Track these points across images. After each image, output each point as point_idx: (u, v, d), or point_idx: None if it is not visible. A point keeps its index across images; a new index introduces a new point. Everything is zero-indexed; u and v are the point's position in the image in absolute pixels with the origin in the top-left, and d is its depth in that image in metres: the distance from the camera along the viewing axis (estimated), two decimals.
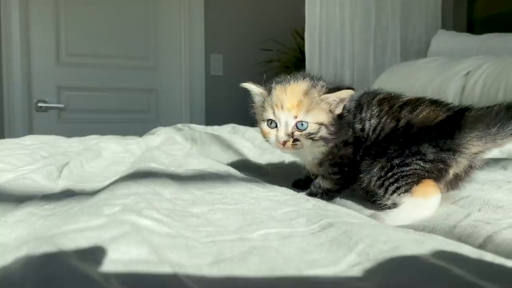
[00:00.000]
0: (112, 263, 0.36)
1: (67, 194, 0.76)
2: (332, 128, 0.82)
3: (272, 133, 0.84)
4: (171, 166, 0.88)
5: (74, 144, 1.36)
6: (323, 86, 0.82)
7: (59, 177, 0.93)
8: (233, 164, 1.14)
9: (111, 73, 3.44)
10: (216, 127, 2.10)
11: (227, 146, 1.41)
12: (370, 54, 2.75)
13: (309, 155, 0.89)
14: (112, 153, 1.27)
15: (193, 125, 2.11)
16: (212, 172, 0.86)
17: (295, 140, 0.82)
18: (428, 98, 0.83)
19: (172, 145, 1.36)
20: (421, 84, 2.08)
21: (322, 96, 0.80)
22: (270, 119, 0.84)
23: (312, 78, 0.85)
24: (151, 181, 0.66)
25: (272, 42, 3.49)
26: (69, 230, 0.43)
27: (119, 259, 0.36)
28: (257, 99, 0.89)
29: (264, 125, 0.85)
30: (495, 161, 1.03)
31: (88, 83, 3.39)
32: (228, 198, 0.64)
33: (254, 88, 0.89)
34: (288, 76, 0.87)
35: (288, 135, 0.81)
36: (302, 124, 0.81)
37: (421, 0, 2.89)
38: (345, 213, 0.61)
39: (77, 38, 3.35)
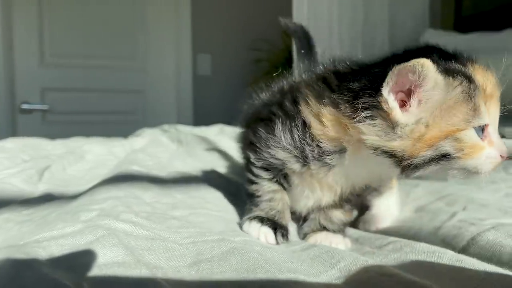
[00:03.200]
0: (86, 268, 0.35)
1: (47, 199, 0.75)
2: None
3: (485, 147, 0.52)
4: (154, 169, 0.87)
5: (57, 146, 1.35)
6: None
7: (40, 180, 0.91)
8: (219, 166, 1.13)
9: (96, 74, 3.41)
10: (203, 128, 2.10)
11: (213, 147, 1.41)
12: (358, 53, 2.76)
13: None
14: (95, 156, 1.26)
15: (179, 126, 2.10)
16: (195, 175, 0.85)
17: None
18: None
19: (157, 147, 1.35)
20: None
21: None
22: (483, 125, 0.52)
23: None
24: (131, 184, 0.65)
25: (262, 41, 3.49)
26: (43, 238, 0.42)
27: (88, 262, 0.36)
28: (437, 95, 0.50)
29: (474, 137, 0.51)
30: None
31: (73, 84, 3.36)
32: (210, 204, 0.64)
33: (440, 79, 0.50)
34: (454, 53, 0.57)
35: None
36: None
37: (409, 1, 2.91)
38: None
39: (62, 39, 3.31)
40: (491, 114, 0.52)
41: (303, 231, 0.68)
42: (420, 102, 0.50)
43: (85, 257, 0.37)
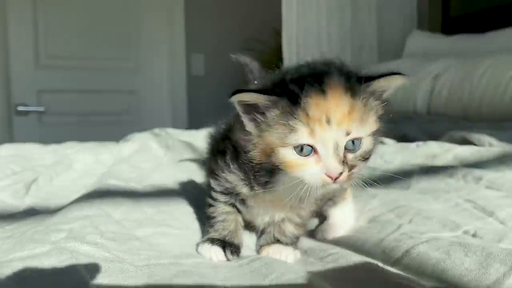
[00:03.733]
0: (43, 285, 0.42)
1: (30, 213, 0.82)
2: (378, 139, 0.63)
3: (307, 164, 0.57)
4: (132, 181, 0.94)
5: (47, 155, 1.41)
6: (356, 74, 0.61)
7: (27, 194, 0.98)
8: (200, 175, 1.19)
9: (91, 75, 3.47)
10: (193, 132, 2.15)
11: (198, 154, 1.47)
12: (347, 55, 2.82)
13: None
14: (83, 165, 1.32)
15: (169, 130, 2.16)
16: (171, 188, 0.91)
17: (351, 168, 0.58)
18: None
19: (143, 156, 1.42)
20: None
21: (369, 88, 0.59)
22: (303, 144, 0.56)
23: (340, 68, 0.61)
24: (104, 201, 0.72)
25: (254, 41, 3.54)
26: (15, 258, 0.49)
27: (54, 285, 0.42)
28: (268, 116, 0.58)
29: (290, 154, 0.57)
30: (445, 169, 1.10)
31: (69, 86, 3.42)
32: (176, 221, 0.70)
33: (260, 99, 0.58)
34: (304, 68, 0.62)
35: (343, 162, 0.57)
36: (353, 143, 0.58)
37: (396, 1, 2.96)
38: None
39: (57, 41, 3.37)
40: (317, 136, 0.55)
41: (259, 243, 0.74)
42: (256, 119, 0.59)
43: (46, 279, 0.43)
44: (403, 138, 1.59)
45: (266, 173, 0.61)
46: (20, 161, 1.28)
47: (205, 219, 0.73)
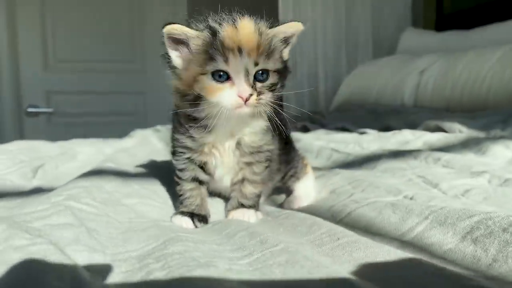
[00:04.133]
0: (43, 225, 0.56)
1: (37, 191, 0.95)
2: (283, 81, 0.75)
3: (223, 89, 0.68)
4: (126, 165, 1.08)
5: (54, 148, 1.55)
6: (265, 22, 0.73)
7: (34, 177, 1.12)
8: None
9: (99, 77, 3.61)
10: None
11: None
12: (342, 53, 2.94)
13: (248, 129, 0.77)
14: (86, 156, 1.46)
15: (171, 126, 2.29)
16: (157, 171, 1.04)
17: (259, 93, 0.69)
18: None
19: (142, 147, 1.55)
20: (382, 82, 2.27)
21: (272, 31, 0.71)
22: (220, 70, 0.67)
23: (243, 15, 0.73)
24: (99, 177, 0.85)
25: None
26: (25, 213, 0.62)
27: (49, 224, 0.56)
28: (193, 46, 0.70)
29: (208, 80, 0.68)
30: (412, 152, 1.22)
31: (76, 87, 3.58)
32: (157, 196, 0.84)
33: (186, 30, 0.70)
34: (223, 14, 0.73)
35: (251, 87, 0.68)
36: (262, 74, 0.70)
37: None
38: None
39: (64, 44, 3.52)
40: (231, 63, 0.67)
41: (227, 209, 0.84)
42: (182, 51, 0.72)
43: (45, 221, 0.57)
44: (386, 129, 1.71)
45: (191, 106, 0.71)
46: (27, 153, 1.42)
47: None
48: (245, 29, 0.68)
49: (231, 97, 0.68)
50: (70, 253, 0.50)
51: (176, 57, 0.73)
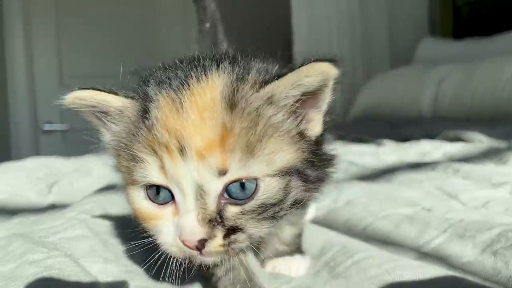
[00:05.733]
0: (58, 239, 0.58)
1: (52, 208, 0.98)
2: (312, 174, 0.43)
3: (162, 217, 0.41)
4: None
5: (69, 165, 1.58)
6: (260, 71, 0.43)
7: (49, 193, 1.15)
8: None
9: None
10: None
11: None
12: (358, 63, 2.95)
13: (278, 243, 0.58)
14: (101, 172, 1.49)
15: None
16: None
17: (231, 230, 0.40)
18: None
19: None
20: (399, 93, 2.27)
21: (263, 92, 0.40)
22: (154, 185, 0.41)
23: (234, 59, 0.45)
24: (110, 191, 0.87)
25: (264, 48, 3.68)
26: (41, 228, 0.64)
27: (64, 237, 0.58)
28: (114, 129, 0.45)
29: (140, 199, 0.43)
30: (430, 164, 1.21)
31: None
32: None
33: (101, 98, 0.47)
34: (182, 64, 0.46)
35: (211, 221, 0.39)
36: (242, 187, 0.39)
37: (408, 6, 3.06)
38: None
39: (79, 60, 3.61)
40: (169, 172, 0.39)
41: (264, 254, 0.58)
42: (110, 126, 0.48)
43: (62, 234, 0.59)
44: (404, 140, 1.70)
45: None
46: (43, 169, 1.45)
47: None
48: (198, 101, 0.39)
49: (172, 238, 0.40)
50: (85, 264, 0.52)
51: (107, 134, 0.47)
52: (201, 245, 0.38)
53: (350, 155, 1.48)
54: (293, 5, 2.92)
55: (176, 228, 0.39)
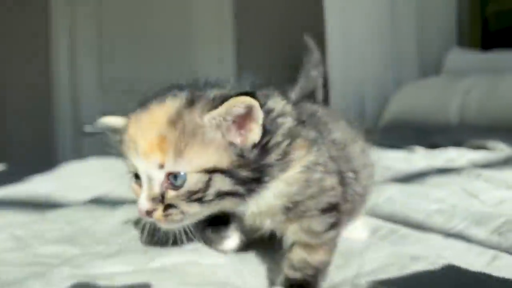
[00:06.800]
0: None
1: None
2: (244, 173, 0.57)
3: (139, 194, 0.59)
4: None
5: None
6: (213, 99, 0.58)
7: None
8: None
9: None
10: None
11: None
12: (388, 73, 3.16)
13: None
14: None
15: None
16: None
17: (168, 206, 0.57)
18: None
19: None
20: (427, 102, 2.49)
21: (206, 117, 0.56)
22: (134, 172, 0.61)
23: (196, 88, 0.61)
24: None
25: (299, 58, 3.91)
26: None
27: None
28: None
29: (132, 181, 0.63)
30: (456, 169, 1.44)
31: (130, 107, 3.93)
32: None
33: (114, 122, 0.70)
34: (162, 91, 0.64)
35: (155, 199, 0.57)
36: (175, 178, 0.56)
37: (436, 18, 3.26)
38: None
39: (120, 65, 3.91)
40: (134, 165, 0.59)
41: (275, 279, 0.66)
42: None
43: None
44: (432, 146, 1.92)
45: None
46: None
47: None
48: (148, 119, 0.58)
49: (137, 205, 0.59)
50: None
51: None
52: (149, 214, 0.57)
53: (385, 160, 1.71)
54: (327, 17, 3.14)
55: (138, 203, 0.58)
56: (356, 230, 0.86)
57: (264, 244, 0.73)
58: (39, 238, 0.79)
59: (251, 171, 0.57)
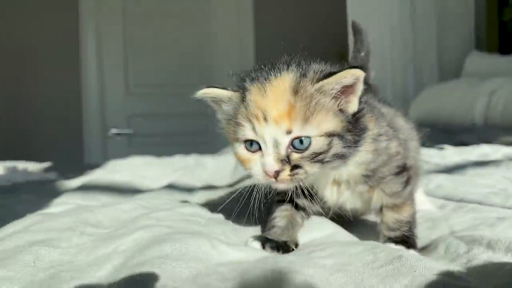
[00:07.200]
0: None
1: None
2: (349, 137, 0.65)
3: (254, 160, 0.65)
4: None
5: (189, 160, 1.97)
6: (316, 72, 0.65)
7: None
8: None
9: (173, 100, 4.08)
10: None
11: None
12: (409, 77, 3.28)
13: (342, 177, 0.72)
14: (212, 165, 1.86)
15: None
16: None
17: (294, 167, 0.63)
18: None
19: None
20: (452, 104, 2.60)
21: (317, 86, 0.63)
22: (249, 140, 0.65)
23: (299, 64, 0.67)
24: None
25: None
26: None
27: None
28: (225, 109, 0.69)
29: (241, 149, 0.67)
30: (493, 162, 1.55)
31: (154, 110, 4.07)
32: None
33: (218, 92, 0.69)
34: (266, 67, 0.68)
35: (282, 161, 0.63)
36: (301, 142, 0.62)
37: (455, 23, 3.38)
38: None
39: (144, 71, 4.03)
40: (258, 132, 0.63)
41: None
42: (222, 110, 0.71)
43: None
44: (460, 145, 2.03)
45: None
46: (169, 164, 1.84)
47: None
48: (275, 89, 0.63)
49: (259, 170, 0.65)
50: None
51: (219, 114, 0.73)
52: (276, 174, 0.62)
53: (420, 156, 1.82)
54: (350, 20, 3.26)
55: (262, 165, 0.64)
56: (423, 204, 0.99)
57: None
58: (156, 208, 0.91)
59: (354, 136, 0.65)
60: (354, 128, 0.64)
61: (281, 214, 0.78)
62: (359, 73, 0.62)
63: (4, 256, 0.57)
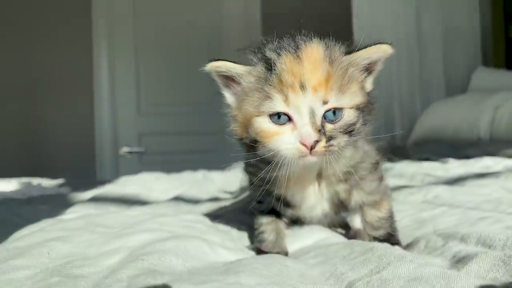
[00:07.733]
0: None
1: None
2: (366, 118, 0.66)
3: (282, 133, 0.61)
4: None
5: (198, 176, 2.04)
6: (347, 45, 0.66)
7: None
8: None
9: (183, 119, 4.18)
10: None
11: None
12: (416, 92, 3.33)
13: (336, 167, 0.69)
14: (218, 179, 1.93)
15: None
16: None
17: (330, 138, 0.61)
18: None
19: None
20: (457, 119, 2.65)
21: (349, 57, 0.63)
22: (278, 112, 0.61)
23: (320, 39, 0.65)
24: None
25: None
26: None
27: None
28: (245, 83, 0.65)
29: (266, 123, 0.62)
30: (493, 174, 1.60)
31: (165, 129, 4.16)
32: None
33: (231, 66, 0.66)
34: (286, 38, 0.66)
35: (319, 131, 0.60)
36: (334, 113, 0.61)
37: (462, 39, 3.43)
38: None
39: (155, 90, 4.14)
40: (291, 102, 0.59)
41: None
42: (234, 89, 0.68)
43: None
44: (466, 158, 2.07)
45: (248, 152, 0.67)
46: (175, 180, 1.91)
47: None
48: (310, 57, 0.61)
49: (291, 144, 0.61)
50: None
51: (229, 95, 0.70)
52: (314, 144, 0.59)
53: (423, 169, 1.87)
54: (356, 35, 3.33)
55: (295, 137, 0.60)
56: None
57: None
58: (161, 214, 0.97)
59: (367, 116, 0.66)
60: (368, 106, 0.66)
61: (268, 228, 0.80)
62: (390, 50, 0.64)
63: (22, 250, 0.64)
